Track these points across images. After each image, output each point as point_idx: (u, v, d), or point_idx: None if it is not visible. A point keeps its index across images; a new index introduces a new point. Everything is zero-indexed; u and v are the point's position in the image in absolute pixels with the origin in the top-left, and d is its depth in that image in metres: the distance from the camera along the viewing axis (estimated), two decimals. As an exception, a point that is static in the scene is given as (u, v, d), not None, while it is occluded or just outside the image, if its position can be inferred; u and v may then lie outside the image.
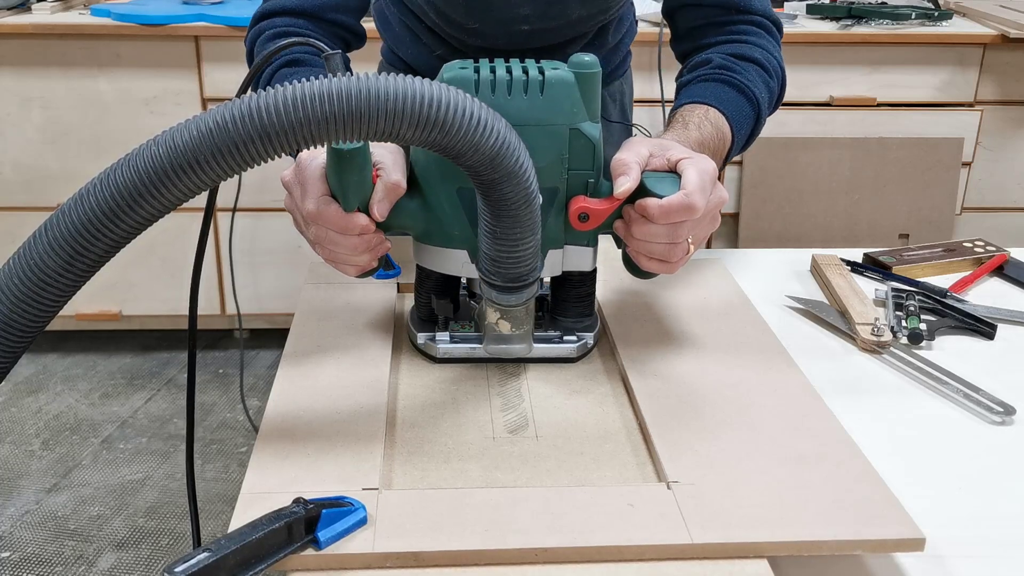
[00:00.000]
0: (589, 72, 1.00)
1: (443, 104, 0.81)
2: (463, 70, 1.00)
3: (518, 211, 0.92)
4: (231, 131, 0.78)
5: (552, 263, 1.07)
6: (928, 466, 1.01)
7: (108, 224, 0.80)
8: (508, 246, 0.95)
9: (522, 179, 0.89)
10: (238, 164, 0.80)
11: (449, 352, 1.13)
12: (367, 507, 0.83)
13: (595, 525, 0.83)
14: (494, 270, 0.98)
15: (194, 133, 0.79)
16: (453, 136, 0.83)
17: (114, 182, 0.79)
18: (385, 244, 1.05)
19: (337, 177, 0.98)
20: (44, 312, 0.81)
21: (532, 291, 1.01)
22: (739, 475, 0.90)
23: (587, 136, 1.01)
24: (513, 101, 0.98)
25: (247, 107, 0.78)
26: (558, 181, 1.03)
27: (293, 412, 1.00)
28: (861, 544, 0.82)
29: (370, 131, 0.81)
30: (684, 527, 0.83)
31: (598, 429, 1.00)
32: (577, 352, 1.13)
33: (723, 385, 1.06)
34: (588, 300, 1.15)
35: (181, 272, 3.14)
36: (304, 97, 0.78)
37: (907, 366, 1.18)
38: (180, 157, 0.78)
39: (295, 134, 0.79)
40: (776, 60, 1.35)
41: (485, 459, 0.95)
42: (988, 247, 1.50)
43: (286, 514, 0.78)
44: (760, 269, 1.44)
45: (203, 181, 0.80)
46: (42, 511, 2.57)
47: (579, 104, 1.00)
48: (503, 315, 1.05)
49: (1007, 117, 3.10)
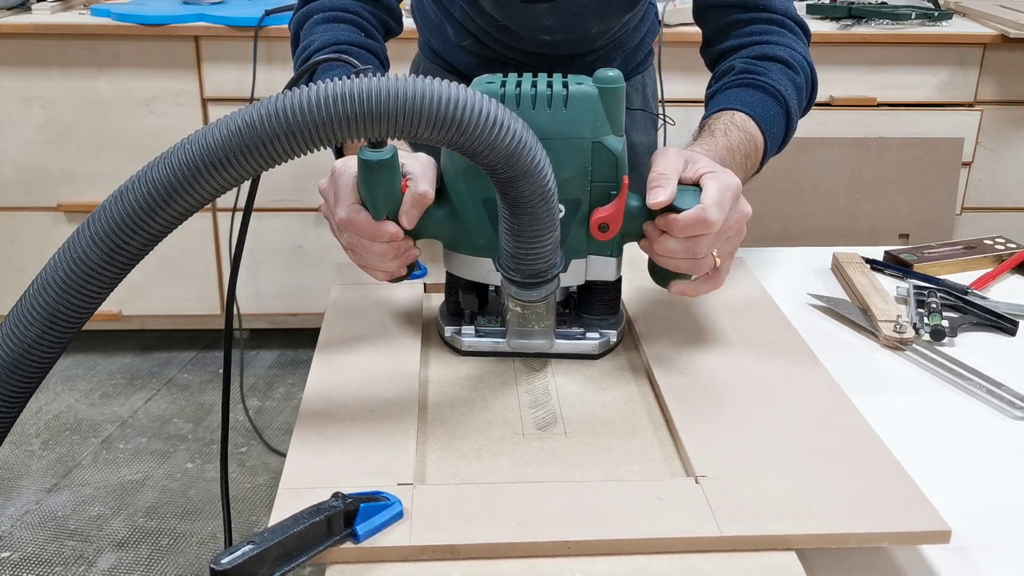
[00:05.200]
0: (613, 87, 1.03)
1: (459, 104, 0.84)
2: (490, 84, 1.03)
3: (535, 208, 0.93)
4: (259, 129, 0.82)
5: (575, 272, 1.09)
6: (952, 460, 1.01)
7: (146, 219, 0.83)
8: (527, 242, 0.96)
9: (538, 177, 0.90)
10: (266, 160, 0.83)
11: (473, 345, 1.14)
12: (403, 501, 0.84)
13: (626, 519, 0.84)
14: (514, 266, 0.99)
15: (224, 132, 0.82)
16: (470, 135, 0.85)
17: (151, 179, 0.83)
18: (413, 251, 1.08)
19: (367, 187, 1.01)
20: (88, 303, 0.84)
21: (552, 287, 1.02)
22: (766, 469, 0.91)
23: (610, 149, 1.03)
24: (537, 115, 1.01)
25: (274, 107, 0.82)
26: (581, 193, 1.04)
27: (327, 409, 1.01)
28: (888, 536, 0.83)
29: (390, 130, 0.84)
30: (713, 520, 0.83)
31: (625, 425, 1.01)
32: (599, 349, 1.14)
33: (748, 380, 1.07)
34: (613, 303, 1.16)
35: (181, 272, 3.13)
36: (328, 97, 0.81)
37: (930, 362, 1.18)
38: (212, 154, 0.82)
39: (320, 132, 0.82)
40: (801, 55, 1.35)
41: (515, 455, 0.95)
42: (1009, 244, 1.50)
43: (326, 508, 0.79)
44: (781, 267, 1.45)
45: (234, 177, 0.84)
46: (42, 511, 2.56)
47: (602, 118, 1.03)
48: (524, 310, 1.05)
49: (1007, 117, 3.11)
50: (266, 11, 2.85)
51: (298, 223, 3.11)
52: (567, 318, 1.16)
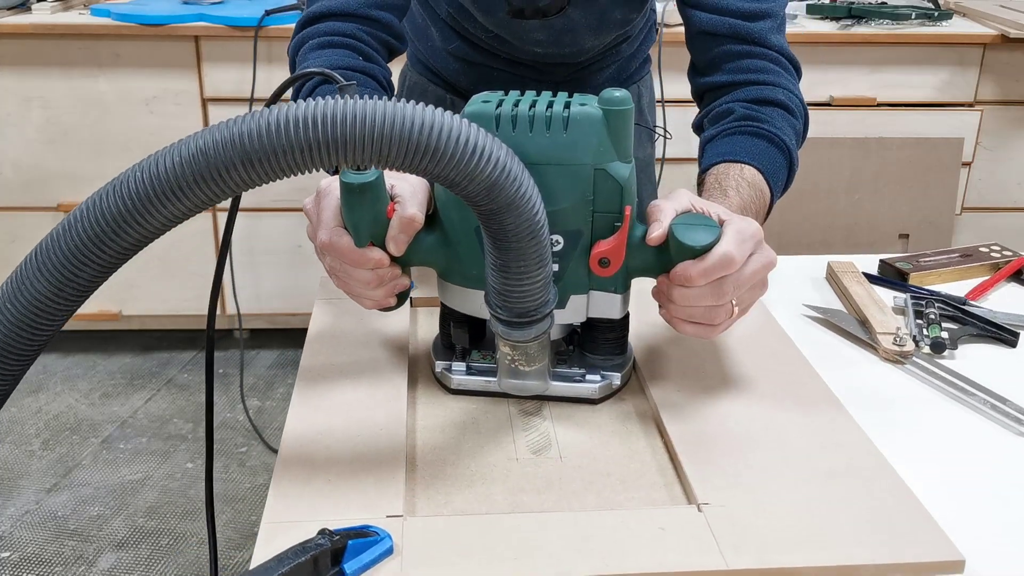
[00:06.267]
0: (619, 109, 0.94)
1: (434, 129, 0.76)
2: (485, 104, 0.94)
3: (520, 243, 0.85)
4: (212, 157, 0.74)
5: (575, 308, 1.01)
6: (958, 479, 0.99)
7: (96, 250, 0.77)
8: (513, 279, 0.89)
9: (525, 209, 0.83)
10: (222, 190, 0.76)
11: (463, 384, 1.07)
12: (392, 535, 0.82)
13: (627, 550, 0.82)
14: (501, 303, 0.92)
15: (176, 159, 0.75)
16: (446, 164, 0.77)
17: (100, 208, 0.76)
18: (402, 280, 1.02)
19: (349, 211, 0.95)
20: (38, 336, 0.79)
21: (542, 327, 0.94)
22: (770, 494, 0.89)
23: (614, 177, 0.95)
24: (535, 138, 0.93)
25: (229, 132, 0.74)
26: (582, 224, 0.97)
27: (311, 436, 0.98)
28: (900, 568, 0.81)
29: (357, 157, 0.76)
30: (718, 551, 0.82)
31: (623, 448, 0.99)
32: (599, 393, 1.06)
33: (748, 400, 1.05)
34: (619, 342, 1.08)
35: (181, 272, 3.12)
36: (287, 121, 0.74)
37: (931, 376, 1.16)
38: (163, 183, 0.75)
39: (279, 160, 0.75)
40: (798, 99, 1.33)
41: (509, 481, 0.93)
42: (1005, 251, 1.49)
43: (312, 546, 0.76)
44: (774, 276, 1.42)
45: (187, 207, 0.77)
46: (42, 511, 2.56)
47: (606, 143, 0.94)
48: (514, 350, 0.97)
49: (1007, 117, 3.10)
50: (266, 11, 2.84)
51: (298, 223, 3.10)
52: (568, 356, 1.08)
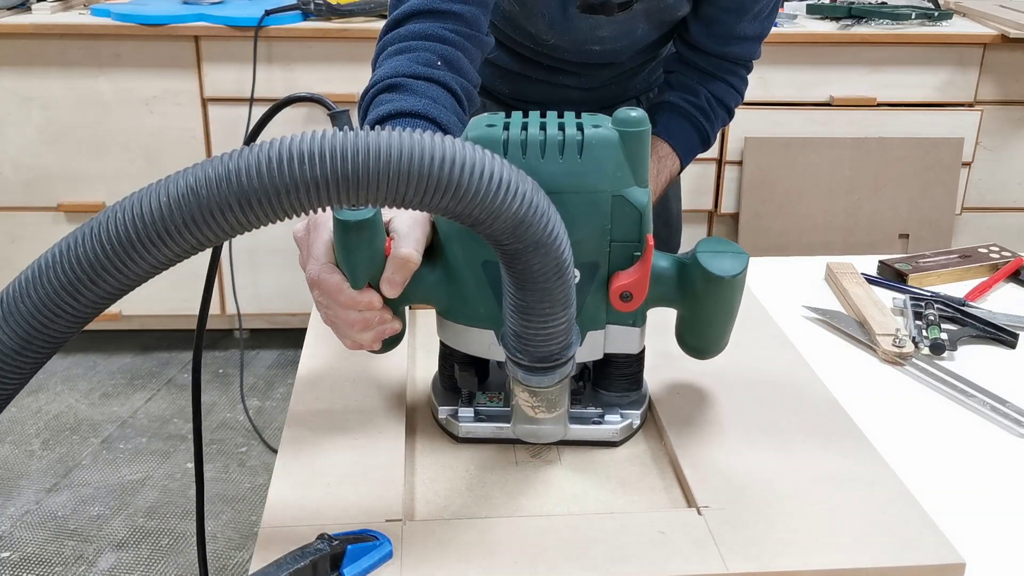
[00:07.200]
0: (636, 131, 0.87)
1: (456, 163, 0.68)
2: (490, 128, 0.87)
3: (547, 284, 0.78)
4: (204, 197, 0.66)
5: (592, 345, 0.94)
6: (957, 480, 0.99)
7: (69, 300, 0.68)
8: (537, 323, 0.82)
9: (552, 248, 0.76)
10: (215, 234, 0.68)
11: (472, 432, 0.99)
12: (391, 539, 0.82)
13: (627, 554, 0.82)
14: (521, 348, 0.85)
15: (164, 199, 0.66)
16: (470, 201, 0.70)
17: (76, 256, 0.68)
18: (393, 325, 0.94)
19: (344, 251, 0.88)
20: (2, 391, 0.71)
21: (565, 371, 0.87)
22: (770, 497, 0.89)
23: (632, 204, 0.88)
24: (547, 164, 0.85)
25: (224, 168, 0.66)
26: (599, 255, 0.90)
27: (310, 440, 0.98)
28: (901, 571, 0.82)
29: (370, 196, 0.68)
30: (719, 555, 0.82)
31: (622, 451, 0.99)
32: (621, 435, 0.99)
33: (747, 402, 1.05)
34: (635, 378, 1.02)
35: (181, 272, 3.10)
36: (291, 156, 0.66)
37: (931, 378, 1.16)
38: (148, 226, 0.67)
39: (281, 201, 0.67)
40: None
41: (508, 484, 0.93)
42: (1004, 252, 1.49)
43: (311, 551, 0.76)
44: (773, 278, 1.43)
45: (174, 252, 0.68)
46: (42, 511, 2.56)
47: (623, 167, 0.87)
48: (532, 396, 0.90)
49: (1007, 117, 3.10)
50: (266, 11, 2.84)
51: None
52: (582, 395, 1.02)
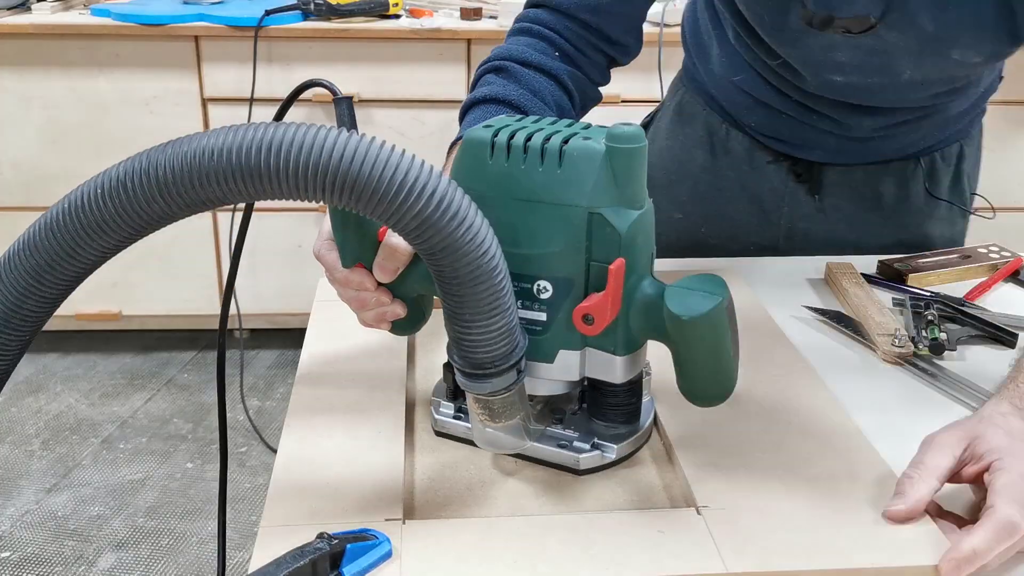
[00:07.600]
0: (627, 148, 0.82)
1: (355, 159, 0.67)
2: (485, 129, 0.86)
3: (463, 289, 0.75)
4: (130, 189, 0.69)
5: (566, 365, 0.89)
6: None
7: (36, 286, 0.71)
8: (461, 327, 0.79)
9: (468, 253, 0.73)
10: (146, 224, 0.70)
11: (444, 427, 0.99)
12: (391, 539, 0.81)
13: (627, 554, 0.82)
14: (457, 351, 0.82)
15: (98, 191, 0.70)
16: (369, 199, 0.68)
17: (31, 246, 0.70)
18: (395, 309, 0.93)
19: (335, 228, 0.90)
20: None
21: (501, 382, 0.82)
22: (770, 497, 0.89)
23: (611, 225, 0.83)
24: (527, 171, 0.84)
25: (147, 162, 0.70)
26: (574, 272, 0.85)
27: (309, 440, 0.98)
28: (901, 571, 0.81)
29: (273, 189, 0.68)
30: (718, 555, 0.81)
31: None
32: (583, 465, 0.94)
33: (747, 401, 1.05)
34: (624, 410, 0.96)
35: (181, 272, 3.12)
36: (202, 152, 0.67)
37: (931, 378, 1.16)
38: (86, 218, 0.70)
39: (196, 190, 0.68)
40: None
41: (508, 484, 0.93)
42: (1003, 252, 1.49)
43: (310, 550, 0.76)
44: (773, 278, 1.42)
45: (111, 244, 0.71)
46: (42, 511, 2.57)
47: (606, 183, 0.83)
48: (475, 402, 0.86)
49: (1007, 117, 3.09)
50: (266, 11, 2.84)
51: (298, 223, 3.10)
52: (574, 419, 0.97)
